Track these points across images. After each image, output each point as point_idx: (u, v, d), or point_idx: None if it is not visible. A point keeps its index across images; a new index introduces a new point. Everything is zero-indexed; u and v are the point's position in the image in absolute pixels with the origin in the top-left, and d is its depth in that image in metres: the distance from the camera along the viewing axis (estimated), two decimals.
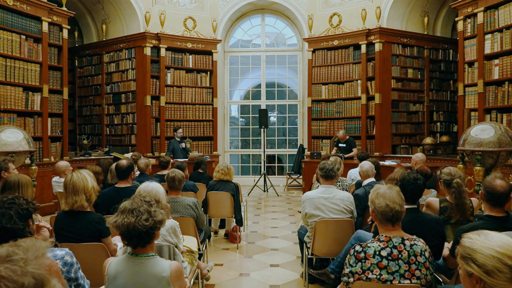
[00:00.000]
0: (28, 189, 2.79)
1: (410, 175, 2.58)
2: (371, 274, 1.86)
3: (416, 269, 1.87)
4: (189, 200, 3.51)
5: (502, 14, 5.41)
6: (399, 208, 1.94)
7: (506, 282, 1.21)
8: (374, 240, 1.95)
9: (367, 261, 1.88)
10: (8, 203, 1.68)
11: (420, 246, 1.91)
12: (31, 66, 5.99)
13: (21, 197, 1.76)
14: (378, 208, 1.96)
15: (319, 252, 3.28)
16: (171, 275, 1.77)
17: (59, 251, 1.81)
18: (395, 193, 1.99)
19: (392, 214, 1.93)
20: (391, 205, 1.93)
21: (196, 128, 8.78)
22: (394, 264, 1.87)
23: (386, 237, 1.93)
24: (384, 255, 1.88)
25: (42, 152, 6.17)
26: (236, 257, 4.42)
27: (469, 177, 4.62)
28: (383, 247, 1.89)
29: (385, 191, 1.99)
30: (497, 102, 5.50)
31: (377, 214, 1.97)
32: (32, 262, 0.93)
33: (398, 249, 1.89)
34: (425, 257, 1.89)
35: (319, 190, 3.37)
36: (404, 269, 1.86)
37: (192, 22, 8.71)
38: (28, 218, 1.71)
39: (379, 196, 1.98)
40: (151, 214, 1.79)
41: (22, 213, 1.68)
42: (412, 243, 1.91)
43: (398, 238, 1.92)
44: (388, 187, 2.02)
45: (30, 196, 2.78)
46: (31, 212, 1.74)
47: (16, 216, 1.65)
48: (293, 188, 9.25)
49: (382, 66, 7.80)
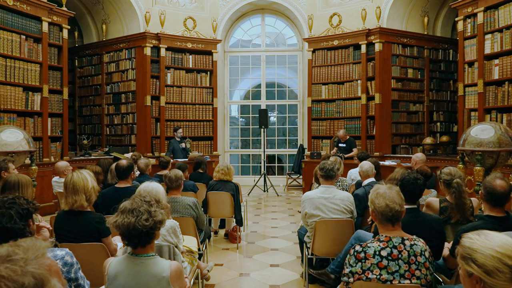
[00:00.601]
0: (28, 189, 2.80)
1: (410, 175, 2.58)
2: (371, 274, 1.86)
3: (416, 269, 1.87)
4: (189, 200, 3.51)
5: (502, 14, 5.41)
6: (399, 208, 1.94)
7: (506, 282, 1.20)
8: (374, 240, 1.95)
9: (367, 261, 1.88)
10: (9, 203, 1.68)
11: (420, 246, 1.91)
12: (31, 66, 5.99)
13: (22, 197, 1.76)
14: (378, 208, 1.96)
15: (319, 252, 3.28)
16: (171, 275, 1.77)
17: (59, 251, 1.81)
18: (395, 193, 1.99)
19: (392, 214, 1.93)
20: (391, 205, 1.93)
21: (196, 128, 8.77)
22: (394, 264, 1.87)
23: (386, 237, 1.93)
24: (384, 255, 1.88)
25: (42, 152, 6.17)
26: (236, 257, 4.42)
27: (469, 177, 4.62)
28: (383, 247, 1.89)
29: (385, 191, 1.99)
30: (497, 102, 5.50)
31: (377, 214, 1.97)
32: (32, 262, 0.93)
33: (398, 249, 1.89)
34: (425, 257, 1.89)
35: (319, 190, 3.36)
36: (404, 269, 1.86)
37: (192, 22, 8.71)
38: (29, 218, 1.71)
39: (379, 196, 1.98)
40: (151, 214, 1.79)
41: (23, 213, 1.68)
42: (412, 243, 1.91)
43: (398, 238, 1.92)
44: (388, 187, 2.02)
45: (30, 196, 2.78)
46: (31, 212, 1.74)
47: (17, 216, 1.65)
48: (293, 188, 9.25)
49: (382, 66, 7.80)
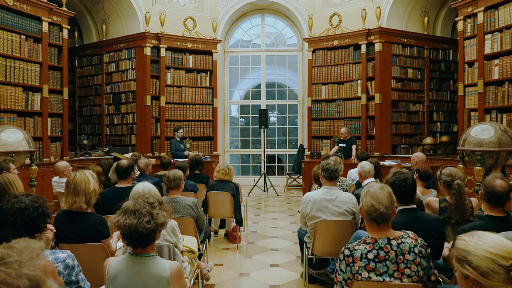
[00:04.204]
0: (17, 184, 2.77)
1: (401, 176, 2.52)
2: (360, 277, 1.84)
3: (406, 267, 1.84)
4: (189, 200, 3.51)
5: (502, 14, 5.41)
6: (384, 210, 1.89)
7: (502, 283, 1.19)
8: (361, 242, 1.92)
9: (355, 264, 1.86)
10: (35, 201, 1.76)
11: (409, 243, 1.88)
12: (31, 66, 5.98)
13: (41, 197, 1.83)
14: (364, 207, 1.95)
15: (319, 252, 3.27)
16: (171, 275, 1.77)
17: (60, 253, 1.79)
18: (385, 194, 1.94)
19: (377, 214, 1.90)
20: (376, 205, 1.90)
21: (196, 128, 8.77)
22: (382, 266, 1.84)
23: (372, 239, 1.90)
24: (370, 257, 1.85)
25: (42, 152, 6.16)
26: (236, 257, 4.42)
27: (469, 177, 4.62)
28: (369, 250, 1.86)
29: (375, 191, 1.96)
30: (497, 102, 5.49)
31: (364, 212, 1.96)
32: (26, 263, 0.91)
33: (384, 250, 1.86)
34: (414, 254, 1.86)
35: (321, 191, 3.31)
36: (392, 269, 1.84)
37: (192, 22, 8.70)
38: (48, 218, 1.81)
39: (368, 194, 1.96)
40: (153, 216, 1.78)
41: (45, 213, 1.77)
42: (399, 241, 1.88)
43: (384, 239, 1.89)
44: (380, 187, 1.98)
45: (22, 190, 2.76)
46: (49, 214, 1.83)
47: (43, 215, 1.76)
48: (293, 188, 9.26)
49: (382, 66, 7.80)
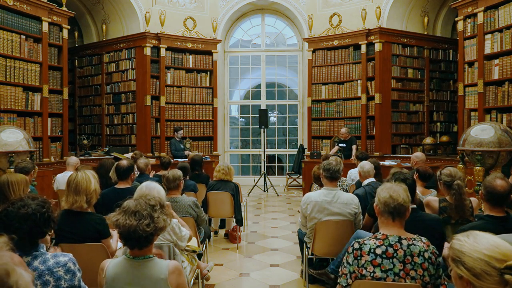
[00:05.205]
0: (20, 186, 2.77)
1: (400, 176, 2.57)
2: (365, 271, 1.86)
3: (412, 269, 1.85)
4: (188, 199, 3.51)
5: (502, 14, 5.40)
6: (402, 202, 1.93)
7: (495, 285, 1.18)
8: (372, 237, 1.95)
9: (362, 258, 1.88)
10: (41, 205, 1.78)
11: (419, 246, 1.89)
12: (31, 66, 5.98)
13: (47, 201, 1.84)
14: (381, 199, 1.97)
15: (319, 252, 3.27)
16: (169, 275, 1.76)
17: (62, 257, 1.73)
18: (402, 189, 2.00)
19: (394, 206, 1.92)
20: (394, 196, 1.94)
21: (196, 128, 8.77)
22: (388, 263, 1.86)
23: (383, 235, 1.93)
24: (378, 253, 1.88)
25: (42, 152, 6.16)
26: (236, 257, 4.42)
27: (469, 177, 4.62)
28: (378, 245, 1.89)
29: (391, 186, 2.02)
30: (497, 102, 5.49)
31: (380, 205, 1.98)
32: None
33: (394, 247, 1.88)
34: (423, 258, 1.87)
35: (322, 192, 3.29)
36: (398, 268, 1.85)
37: (192, 22, 8.70)
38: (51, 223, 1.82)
39: (385, 189, 2.01)
40: (153, 219, 1.75)
41: (50, 218, 1.79)
42: (410, 243, 1.90)
43: (395, 237, 1.91)
44: (396, 184, 2.06)
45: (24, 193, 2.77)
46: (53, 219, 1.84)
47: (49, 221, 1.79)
48: (293, 188, 9.25)
49: (382, 66, 7.80)
